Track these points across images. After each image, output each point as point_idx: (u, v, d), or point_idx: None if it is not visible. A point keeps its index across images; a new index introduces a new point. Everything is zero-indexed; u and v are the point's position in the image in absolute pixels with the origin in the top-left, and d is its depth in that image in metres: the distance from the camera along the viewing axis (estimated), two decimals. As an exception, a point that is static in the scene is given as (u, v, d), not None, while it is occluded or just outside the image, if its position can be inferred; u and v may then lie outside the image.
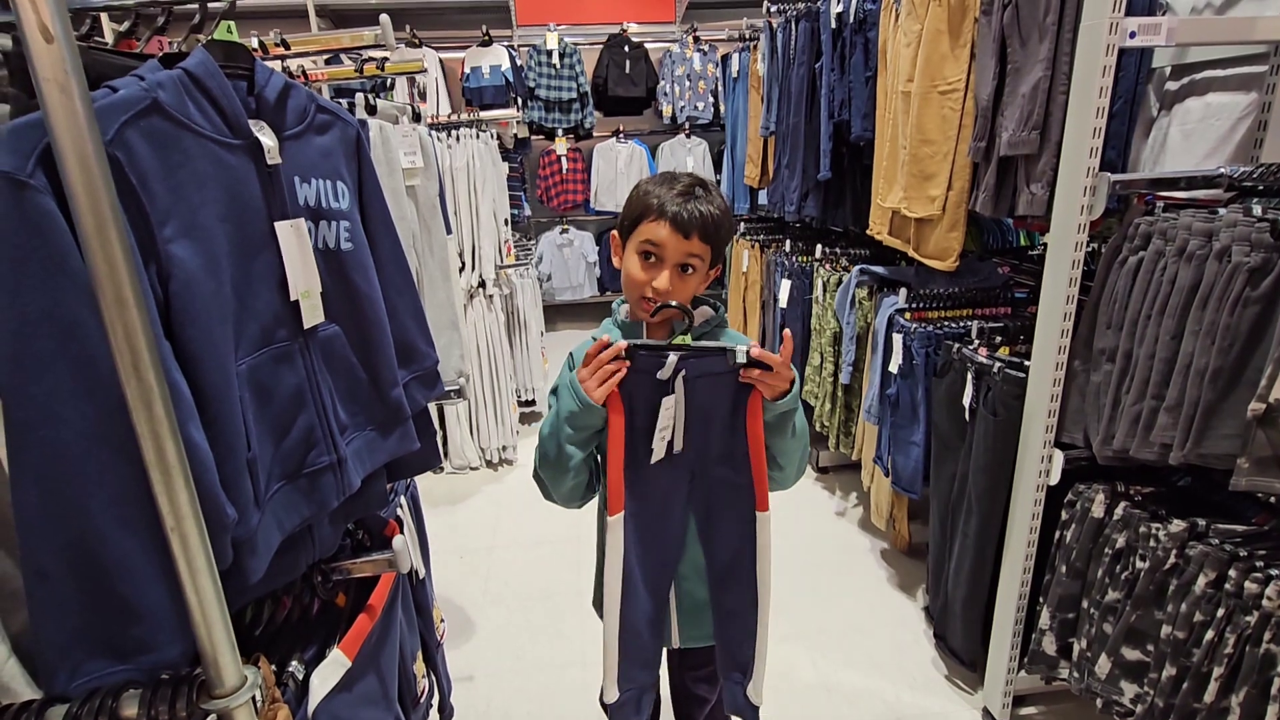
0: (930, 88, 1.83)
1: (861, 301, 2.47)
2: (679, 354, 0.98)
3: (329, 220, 0.85)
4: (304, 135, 0.82)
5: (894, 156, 2.09)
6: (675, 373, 0.98)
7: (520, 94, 5.08)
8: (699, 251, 1.03)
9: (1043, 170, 1.49)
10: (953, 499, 1.88)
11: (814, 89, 2.72)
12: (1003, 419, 1.64)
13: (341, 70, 1.43)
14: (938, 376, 1.91)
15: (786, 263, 3.09)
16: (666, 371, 0.98)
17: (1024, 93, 1.50)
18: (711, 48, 5.23)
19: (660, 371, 0.98)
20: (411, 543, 1.32)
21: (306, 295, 0.79)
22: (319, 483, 0.84)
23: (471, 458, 3.33)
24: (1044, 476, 1.57)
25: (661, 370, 0.98)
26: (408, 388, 1.01)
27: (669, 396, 0.99)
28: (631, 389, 0.99)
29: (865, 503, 2.84)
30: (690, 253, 1.02)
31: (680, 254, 1.02)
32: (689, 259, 1.03)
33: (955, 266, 1.90)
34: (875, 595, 2.34)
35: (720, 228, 1.03)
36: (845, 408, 2.73)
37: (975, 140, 1.69)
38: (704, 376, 1.00)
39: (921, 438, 2.03)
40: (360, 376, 0.92)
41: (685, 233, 1.00)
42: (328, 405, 0.85)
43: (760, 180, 3.69)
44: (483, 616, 2.30)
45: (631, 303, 1.11)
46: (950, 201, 1.83)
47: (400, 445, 0.98)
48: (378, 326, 0.92)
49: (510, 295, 3.40)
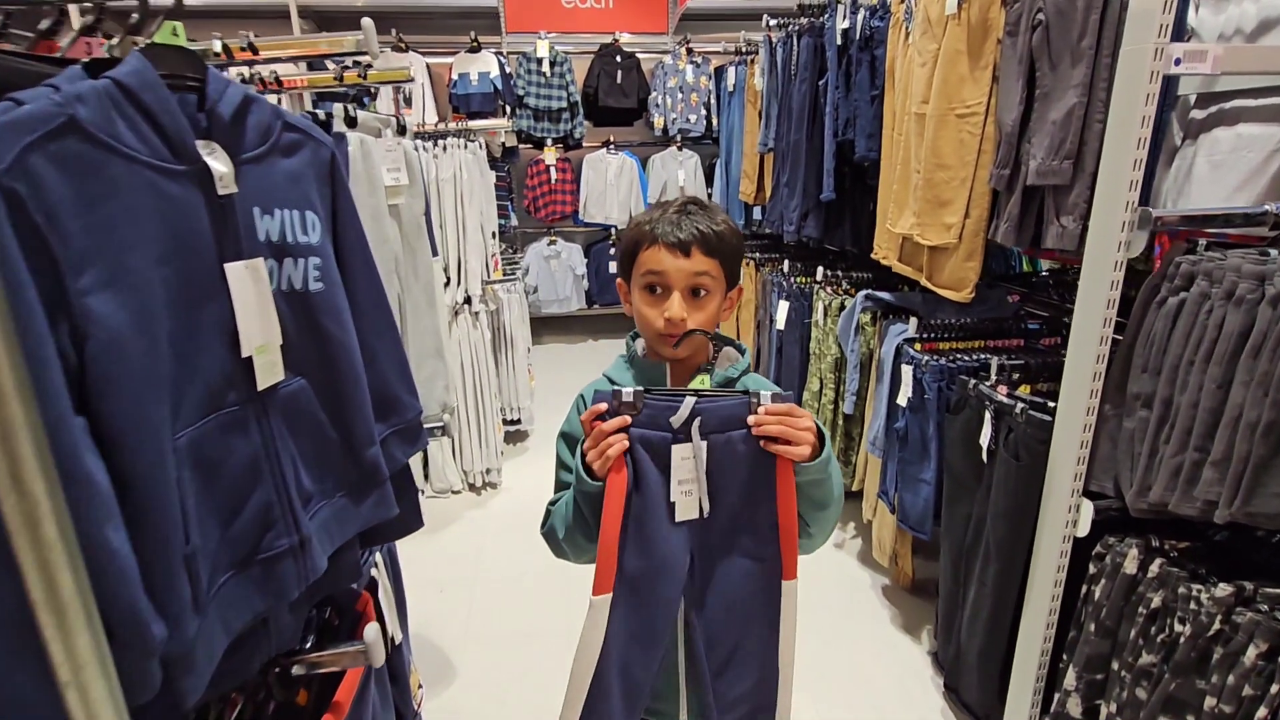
0: (947, 110, 1.74)
1: (865, 327, 2.38)
2: (695, 398, 0.86)
3: (296, 257, 0.72)
4: (267, 158, 0.69)
5: (905, 180, 2.00)
6: (691, 418, 0.86)
7: (509, 102, 4.95)
8: (705, 269, 0.92)
9: (1075, 202, 1.40)
10: (967, 543, 1.78)
11: (816, 106, 2.64)
12: (1026, 464, 1.54)
13: (321, 77, 1.30)
14: (951, 413, 1.81)
15: (785, 284, 2.99)
16: (680, 417, 0.86)
17: (1055, 119, 1.41)
18: (705, 60, 5.15)
19: (673, 417, 0.86)
20: (388, 608, 1.18)
21: (263, 350, 0.66)
22: (276, 570, 0.71)
23: (453, 480, 3.17)
24: (1071, 527, 1.48)
25: (674, 415, 0.86)
26: (386, 444, 0.88)
27: (684, 444, 0.87)
28: (637, 444, 0.87)
29: (865, 534, 2.73)
30: (696, 272, 0.91)
31: (685, 276, 0.91)
32: (697, 280, 0.92)
33: (971, 298, 1.80)
34: (879, 637, 2.23)
35: (725, 239, 0.92)
36: (845, 435, 2.62)
37: (998, 167, 1.59)
38: (722, 429, 0.88)
39: (932, 476, 1.93)
40: (330, 436, 0.79)
41: (684, 250, 0.90)
42: (288, 477, 0.71)
43: (756, 197, 3.60)
44: (464, 658, 2.15)
45: (650, 342, 0.99)
46: (967, 229, 1.74)
47: (375, 512, 0.85)
48: (352, 378, 0.79)
49: (497, 311, 3.27)
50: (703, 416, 0.87)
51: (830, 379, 2.63)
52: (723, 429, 0.88)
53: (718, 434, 0.88)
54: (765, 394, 0.87)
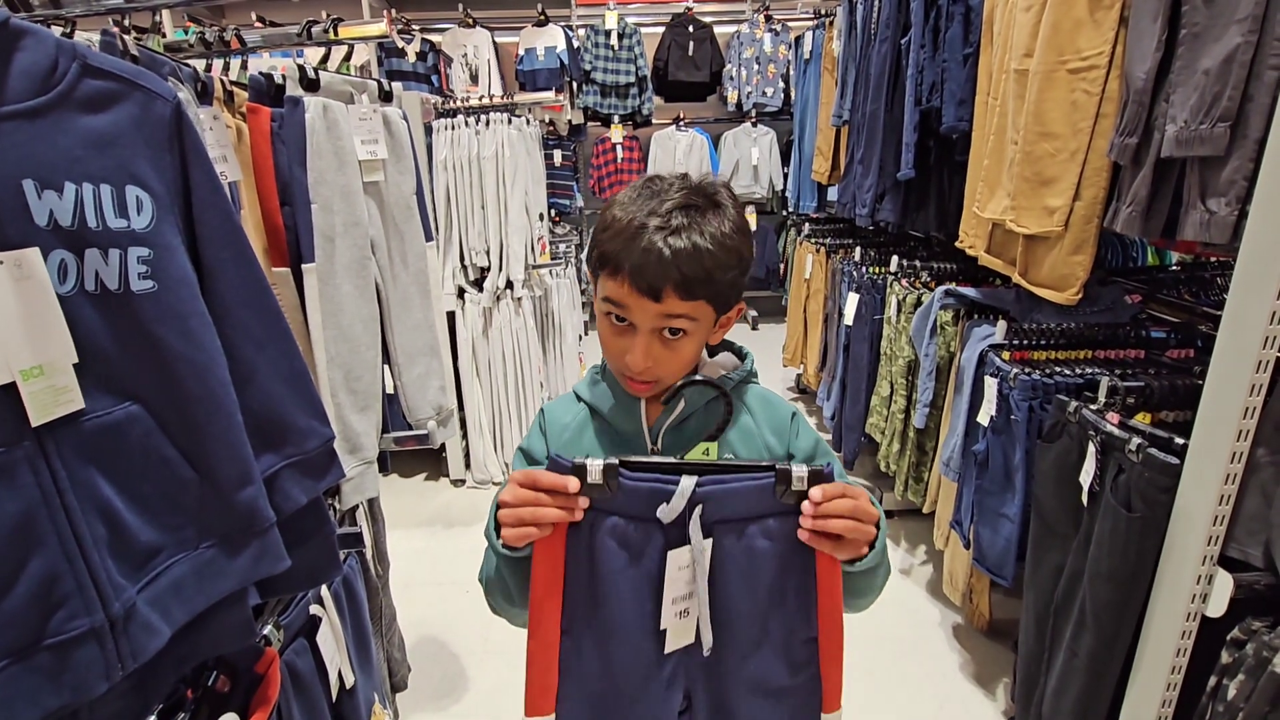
0: (1057, 64, 1.39)
1: (945, 327, 2.04)
2: (694, 483, 0.61)
3: (105, 248, 0.55)
4: (49, 113, 0.51)
5: (999, 154, 1.65)
6: (689, 508, 0.61)
7: (576, 77, 4.76)
8: (682, 311, 0.67)
9: (1230, 180, 1.05)
10: (1057, 600, 1.45)
11: (898, 70, 2.29)
12: (1140, 515, 1.21)
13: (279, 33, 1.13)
14: (1044, 440, 1.48)
15: (855, 273, 2.66)
16: (674, 509, 0.61)
17: (1207, 68, 1.06)
18: (784, 28, 4.76)
19: (662, 511, 0.61)
20: (337, 649, 1.02)
21: (34, 374, 0.49)
22: (72, 659, 0.54)
23: (494, 472, 3.06)
24: (1199, 603, 1.14)
25: (664, 509, 0.61)
26: (276, 481, 0.71)
27: (681, 550, 0.63)
28: (604, 533, 0.63)
29: (936, 561, 2.41)
30: (669, 314, 0.66)
31: (654, 319, 0.67)
32: (670, 321, 0.67)
33: (1077, 299, 1.46)
34: (946, 687, 1.93)
35: (715, 271, 0.66)
36: (918, 449, 2.30)
37: (1121, 135, 1.25)
38: (735, 519, 0.63)
39: (1017, 512, 1.61)
40: (183, 475, 0.62)
41: (654, 294, 0.65)
42: (89, 537, 0.54)
43: (830, 175, 3.26)
44: (480, 670, 2.03)
45: (614, 372, 0.76)
46: (1076, 215, 1.39)
47: (256, 567, 0.68)
48: (207, 400, 0.62)
49: (543, 297, 3.11)
50: (706, 505, 0.62)
51: (902, 384, 2.30)
52: (737, 519, 0.63)
53: (728, 525, 0.63)
54: (800, 468, 0.61)
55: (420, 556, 2.59)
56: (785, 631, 0.65)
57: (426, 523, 2.83)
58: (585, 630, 0.66)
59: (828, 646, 0.65)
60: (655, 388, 0.72)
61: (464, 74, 4.77)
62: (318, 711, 0.98)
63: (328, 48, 1.22)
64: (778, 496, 0.61)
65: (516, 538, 0.61)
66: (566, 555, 0.64)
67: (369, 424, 1.24)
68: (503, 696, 1.91)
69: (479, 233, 2.75)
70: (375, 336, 1.24)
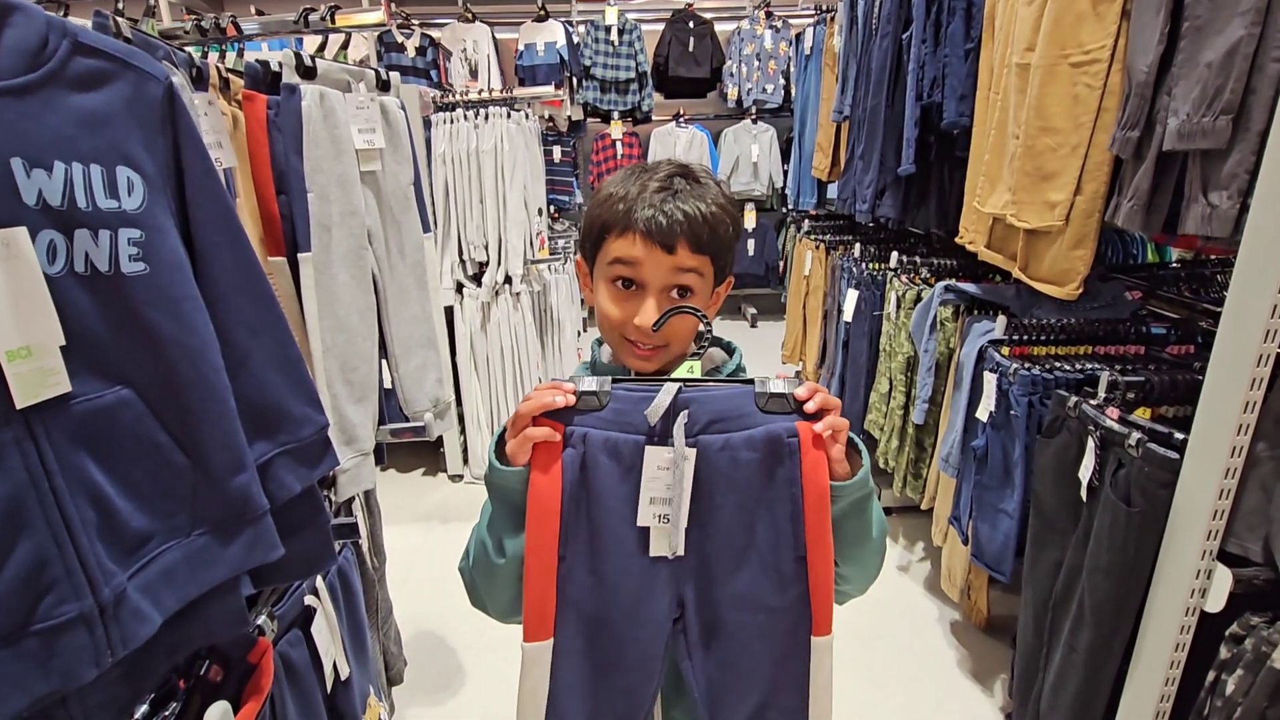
0: (1059, 58, 1.38)
1: (944, 323, 2.04)
2: (678, 386, 0.65)
3: (95, 229, 0.54)
4: (38, 91, 0.51)
5: (1000, 149, 1.65)
6: (672, 412, 0.64)
7: (575, 73, 4.75)
8: (693, 265, 0.72)
9: (1232, 173, 1.04)
10: (1055, 595, 1.45)
11: (899, 65, 2.28)
12: (1140, 510, 1.21)
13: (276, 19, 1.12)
14: (1044, 435, 1.47)
15: (855, 269, 2.66)
16: (658, 409, 0.64)
17: (1210, 61, 1.05)
18: (785, 24, 4.75)
19: (648, 409, 0.64)
20: (332, 640, 1.02)
21: (21, 355, 0.48)
22: (59, 645, 0.53)
23: (492, 468, 3.05)
24: (1198, 598, 1.14)
25: (650, 408, 0.64)
26: (270, 469, 0.70)
27: (661, 448, 0.65)
28: (596, 449, 0.66)
29: (934, 557, 2.41)
30: (680, 268, 0.72)
31: (666, 274, 0.72)
32: (680, 278, 0.72)
33: (1078, 294, 1.45)
34: (943, 683, 1.92)
35: (718, 228, 0.73)
36: (916, 445, 2.29)
37: (1123, 128, 1.24)
38: (718, 428, 0.65)
39: (1016, 508, 1.60)
40: (175, 461, 0.62)
41: (667, 245, 0.70)
42: (79, 521, 0.54)
43: (830, 172, 3.26)
44: (476, 664, 2.02)
45: (614, 347, 0.79)
46: (1077, 210, 1.39)
47: (249, 555, 0.67)
48: (200, 385, 0.61)
49: (542, 292, 3.10)
50: (690, 409, 0.64)
51: (901, 380, 2.30)
52: (719, 428, 0.65)
53: (712, 435, 0.66)
54: (775, 380, 0.65)
55: (418, 551, 2.58)
56: (773, 545, 0.67)
57: (424, 518, 2.83)
58: (582, 552, 0.68)
59: (816, 565, 0.66)
60: (659, 358, 0.75)
61: (463, 69, 4.75)
62: (312, 703, 0.97)
63: (324, 36, 1.22)
64: (760, 405, 0.65)
65: (518, 445, 0.65)
66: (563, 479, 0.66)
67: (365, 415, 1.23)
68: (498, 690, 1.90)
69: (477, 227, 2.74)
70: (372, 327, 1.23)
